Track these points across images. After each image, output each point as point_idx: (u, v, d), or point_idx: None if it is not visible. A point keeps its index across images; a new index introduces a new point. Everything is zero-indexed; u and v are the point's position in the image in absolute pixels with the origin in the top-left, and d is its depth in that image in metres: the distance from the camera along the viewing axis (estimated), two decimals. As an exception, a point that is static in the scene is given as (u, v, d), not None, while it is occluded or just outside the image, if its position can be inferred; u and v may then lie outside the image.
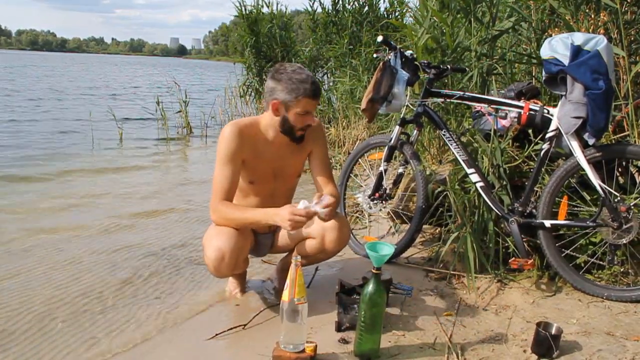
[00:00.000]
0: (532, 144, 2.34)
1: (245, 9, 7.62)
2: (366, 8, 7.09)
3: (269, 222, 1.88)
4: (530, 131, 2.35)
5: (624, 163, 2.24)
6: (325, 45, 7.41)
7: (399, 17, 6.80)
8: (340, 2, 7.26)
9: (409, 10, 6.03)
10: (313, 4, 7.46)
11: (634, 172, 2.29)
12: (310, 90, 1.87)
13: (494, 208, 2.27)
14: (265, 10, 7.84)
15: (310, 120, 1.95)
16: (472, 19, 2.95)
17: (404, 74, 2.41)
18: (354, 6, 7.13)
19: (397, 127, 2.55)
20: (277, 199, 2.14)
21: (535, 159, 2.26)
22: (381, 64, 2.42)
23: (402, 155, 2.59)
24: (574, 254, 2.22)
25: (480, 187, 2.29)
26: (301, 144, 2.03)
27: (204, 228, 3.15)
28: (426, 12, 3.23)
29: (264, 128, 2.01)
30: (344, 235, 2.09)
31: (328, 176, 2.12)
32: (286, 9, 8.15)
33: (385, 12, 7.08)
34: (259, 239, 2.21)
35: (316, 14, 7.55)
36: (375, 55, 2.67)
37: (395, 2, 6.92)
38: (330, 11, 7.37)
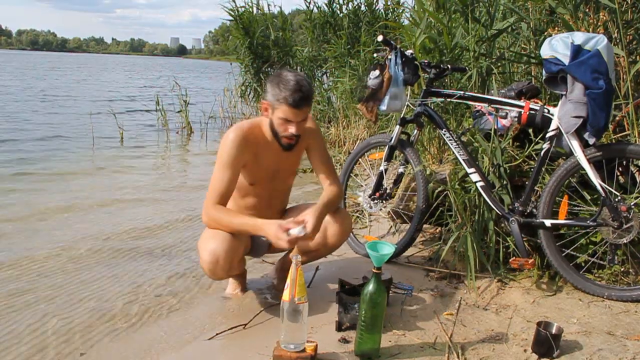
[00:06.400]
0: (533, 144, 2.34)
1: (238, 11, 7.60)
2: (362, 7, 7.09)
3: (257, 233, 1.86)
4: (530, 130, 2.35)
5: (624, 162, 2.24)
6: (323, 45, 7.41)
7: (396, 18, 6.80)
8: (336, 2, 7.27)
9: (406, 10, 6.05)
10: (309, 3, 7.48)
11: (634, 172, 2.29)
12: (290, 98, 1.82)
13: (494, 207, 2.27)
14: (255, 11, 7.82)
15: (294, 129, 1.89)
16: (469, 19, 2.95)
17: (399, 74, 2.41)
18: (348, 7, 7.13)
19: (398, 126, 2.55)
20: (274, 199, 2.17)
21: (536, 158, 2.26)
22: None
23: (402, 154, 2.59)
24: (575, 253, 2.22)
25: (481, 186, 2.29)
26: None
27: (202, 227, 3.17)
28: (423, 12, 3.23)
29: (265, 129, 2.00)
30: (346, 228, 2.11)
31: (327, 171, 2.10)
32: (281, 9, 8.13)
33: (383, 12, 7.08)
34: (256, 240, 2.20)
35: (313, 14, 7.55)
36: (375, 55, 2.68)
37: (391, 2, 6.92)
38: (326, 11, 7.37)
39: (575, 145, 2.07)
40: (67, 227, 3.19)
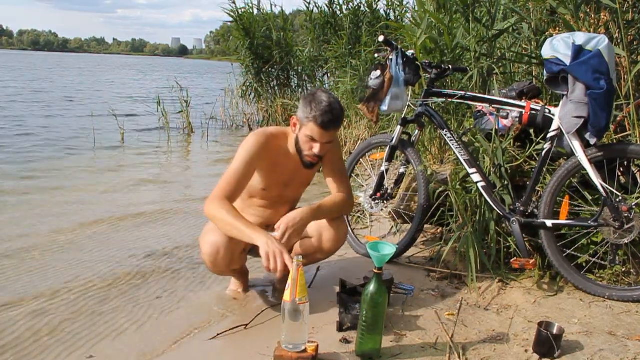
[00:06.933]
0: (534, 144, 2.34)
1: (238, 13, 7.60)
2: (362, 8, 7.09)
3: (248, 241, 1.80)
4: (531, 131, 2.35)
5: (625, 163, 2.24)
6: (324, 46, 7.42)
7: (398, 17, 6.80)
8: (336, 3, 7.27)
9: (408, 11, 6.04)
10: (309, 3, 7.48)
11: (635, 172, 2.29)
12: (320, 118, 1.84)
13: (495, 208, 2.27)
14: (255, 12, 7.82)
15: (318, 150, 1.90)
16: (470, 20, 2.95)
17: (400, 74, 2.41)
18: (349, 8, 7.13)
19: (399, 126, 2.55)
20: (282, 206, 2.17)
21: (537, 158, 2.26)
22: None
23: (403, 155, 2.59)
24: (576, 253, 2.22)
25: (482, 186, 2.29)
26: None
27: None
28: (423, 12, 3.24)
29: (290, 141, 2.02)
30: (341, 234, 2.11)
31: (338, 180, 2.10)
32: (282, 9, 8.13)
33: (384, 13, 7.08)
34: None
35: (313, 15, 7.55)
36: (376, 55, 2.67)
37: (394, 2, 6.92)
38: (326, 11, 7.37)
39: (576, 146, 2.07)
40: (67, 225, 3.18)
